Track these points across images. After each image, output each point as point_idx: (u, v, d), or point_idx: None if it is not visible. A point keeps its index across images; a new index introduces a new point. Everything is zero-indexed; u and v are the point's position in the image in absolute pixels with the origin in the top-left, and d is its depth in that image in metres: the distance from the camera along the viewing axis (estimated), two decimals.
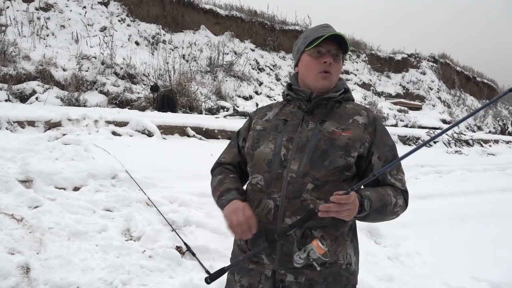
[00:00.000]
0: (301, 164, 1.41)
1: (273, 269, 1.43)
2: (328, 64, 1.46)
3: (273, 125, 1.53)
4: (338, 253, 1.42)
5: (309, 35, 1.50)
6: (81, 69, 10.03)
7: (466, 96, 22.62)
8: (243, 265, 1.52)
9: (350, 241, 1.49)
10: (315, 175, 1.39)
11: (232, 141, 1.73)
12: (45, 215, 3.35)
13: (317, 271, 1.38)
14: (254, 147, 1.53)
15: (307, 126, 1.47)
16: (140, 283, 2.81)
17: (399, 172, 1.50)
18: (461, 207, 5.97)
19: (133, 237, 3.44)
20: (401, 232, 4.37)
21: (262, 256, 1.45)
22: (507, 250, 4.36)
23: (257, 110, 1.70)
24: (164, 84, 10.53)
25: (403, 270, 3.67)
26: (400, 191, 1.47)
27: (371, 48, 20.59)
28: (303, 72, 1.54)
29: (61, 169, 4.28)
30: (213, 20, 15.65)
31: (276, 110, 1.61)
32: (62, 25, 11.59)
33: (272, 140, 1.49)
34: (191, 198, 4.31)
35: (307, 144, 1.43)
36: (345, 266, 1.45)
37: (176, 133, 7.08)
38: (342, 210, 1.25)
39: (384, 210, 1.39)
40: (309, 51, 1.48)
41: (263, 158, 1.48)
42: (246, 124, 1.67)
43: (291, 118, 1.52)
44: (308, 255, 1.32)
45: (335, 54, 1.47)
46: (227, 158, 1.69)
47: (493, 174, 9.56)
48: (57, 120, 5.99)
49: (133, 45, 12.71)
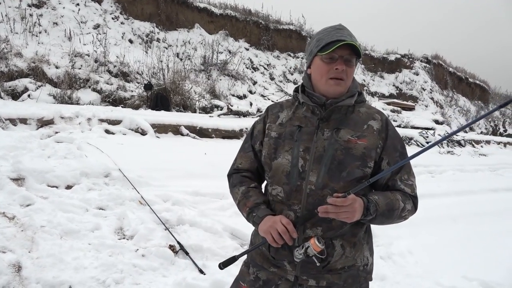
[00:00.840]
0: (319, 176, 1.43)
1: (296, 275, 1.48)
2: (340, 70, 1.44)
3: (288, 132, 1.52)
4: (356, 257, 1.48)
5: (322, 38, 1.47)
6: (74, 67, 9.95)
7: (458, 96, 22.80)
8: (263, 266, 1.55)
9: (366, 243, 1.54)
10: (334, 186, 1.41)
11: (246, 143, 1.68)
12: (37, 213, 3.33)
13: (338, 274, 1.45)
14: (271, 157, 1.53)
15: (323, 135, 1.47)
16: (133, 282, 2.80)
17: (410, 177, 1.52)
18: (453, 207, 6.02)
19: (126, 235, 3.42)
20: (393, 231, 4.39)
21: (285, 262, 1.49)
22: (498, 249, 4.40)
23: (269, 109, 1.66)
24: (158, 83, 10.49)
25: (396, 269, 3.70)
26: (409, 196, 1.49)
27: (365, 48, 20.66)
28: (315, 75, 1.51)
29: (54, 167, 4.26)
30: (207, 19, 15.61)
31: (288, 113, 1.57)
32: (55, 22, 11.50)
33: (288, 150, 1.49)
34: (185, 197, 4.31)
35: (324, 155, 1.44)
36: (362, 267, 1.51)
37: (169, 132, 7.06)
38: (340, 212, 1.30)
39: (391, 214, 1.42)
40: (322, 56, 1.45)
41: (281, 170, 1.49)
42: (261, 127, 1.63)
43: (305, 124, 1.51)
44: (306, 251, 1.37)
45: (348, 60, 1.45)
46: (244, 164, 1.65)
47: (485, 174, 9.65)
48: (50, 118, 5.95)
49: (126, 43, 12.64)
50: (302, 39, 17.80)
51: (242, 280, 1.61)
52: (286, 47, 17.42)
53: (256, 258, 1.57)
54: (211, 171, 5.08)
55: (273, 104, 1.69)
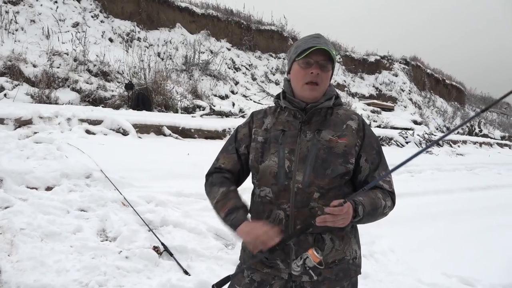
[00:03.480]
0: (305, 175, 1.49)
1: (289, 273, 1.51)
2: (315, 75, 1.52)
3: (273, 136, 1.59)
4: (345, 250, 1.54)
5: (300, 45, 1.56)
6: (52, 66, 9.73)
7: (436, 98, 23.31)
8: (257, 268, 1.57)
9: (354, 236, 1.60)
10: (320, 184, 1.48)
11: (230, 145, 1.71)
12: (17, 215, 3.25)
13: (329, 269, 1.50)
14: (258, 161, 1.59)
15: (305, 137, 1.54)
16: (116, 284, 2.77)
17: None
18: (432, 205, 6.17)
19: (109, 237, 3.38)
20: (375, 230, 4.46)
21: (278, 261, 1.53)
22: (476, 246, 4.54)
23: (253, 115, 1.72)
24: (139, 82, 10.36)
25: (378, 267, 3.76)
26: (388, 193, 1.57)
27: (345, 50, 20.91)
28: (294, 81, 1.60)
29: (33, 168, 4.16)
30: (189, 18, 15.51)
31: (272, 119, 1.65)
32: (32, 20, 11.22)
33: (274, 153, 1.55)
34: (168, 198, 4.27)
35: (308, 155, 1.51)
36: (351, 260, 1.56)
37: (152, 132, 6.99)
38: (337, 220, 1.35)
39: (375, 212, 1.49)
40: (299, 61, 1.54)
41: (268, 171, 1.54)
42: (246, 131, 1.69)
43: (288, 128, 1.58)
44: (304, 263, 1.41)
45: (323, 65, 1.53)
46: (227, 165, 1.68)
47: (462, 173, 9.91)
48: (28, 118, 5.81)
49: (106, 42, 12.44)
50: (283, 40, 17.88)
51: (237, 284, 1.62)
52: (267, 47, 17.47)
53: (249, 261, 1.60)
54: (195, 172, 5.05)
55: (257, 110, 1.76)
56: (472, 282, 3.59)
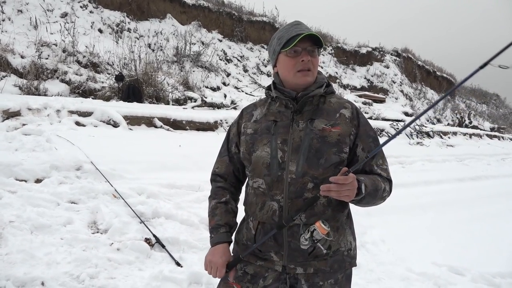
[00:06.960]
0: (298, 165, 1.47)
1: (283, 265, 1.51)
2: (306, 61, 1.50)
3: (264, 127, 1.57)
4: (340, 241, 1.53)
5: (283, 35, 1.53)
6: (41, 57, 9.58)
7: (426, 89, 23.44)
8: (249, 261, 1.57)
9: (349, 228, 1.59)
10: (314, 174, 1.46)
11: (222, 147, 1.74)
12: (5, 208, 3.22)
13: (324, 261, 1.49)
14: (250, 151, 1.57)
15: (298, 126, 1.52)
16: (108, 276, 2.75)
17: (384, 161, 1.60)
18: (422, 196, 6.22)
19: (100, 229, 3.36)
20: (366, 221, 4.50)
21: (271, 254, 1.52)
22: (465, 236, 4.60)
23: (243, 111, 1.71)
24: (130, 74, 10.24)
25: (369, 257, 3.79)
26: (386, 179, 1.56)
27: (337, 41, 20.87)
28: (283, 72, 1.57)
29: (22, 161, 4.11)
30: (179, 9, 15.34)
31: (262, 110, 1.63)
32: (20, 10, 11.02)
33: (267, 143, 1.53)
34: (160, 190, 4.25)
35: (301, 145, 1.49)
36: (346, 252, 1.55)
37: (143, 124, 6.93)
38: (342, 190, 1.32)
39: (376, 194, 1.47)
40: (286, 51, 1.51)
41: (261, 162, 1.53)
42: (234, 130, 1.69)
43: (280, 118, 1.56)
44: (312, 236, 1.39)
45: (311, 51, 1.51)
46: (220, 169, 1.71)
47: (452, 164, 10.01)
48: (16, 110, 5.72)
49: (96, 32, 12.26)
50: (275, 31, 17.68)
51: (231, 277, 1.61)
52: (259, 39, 17.36)
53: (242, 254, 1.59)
54: (186, 164, 5.03)
55: (246, 106, 1.75)
56: (461, 271, 3.64)
